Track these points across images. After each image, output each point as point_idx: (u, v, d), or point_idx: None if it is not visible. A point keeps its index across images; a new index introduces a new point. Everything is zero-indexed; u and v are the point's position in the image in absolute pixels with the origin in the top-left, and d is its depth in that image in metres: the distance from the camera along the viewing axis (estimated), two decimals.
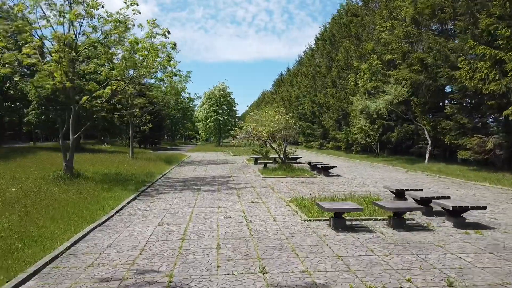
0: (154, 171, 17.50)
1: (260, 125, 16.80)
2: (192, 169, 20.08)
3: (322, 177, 16.12)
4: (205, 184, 14.02)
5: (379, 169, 19.74)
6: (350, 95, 32.35)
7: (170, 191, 12.25)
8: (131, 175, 15.13)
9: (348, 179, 15.58)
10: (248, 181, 14.88)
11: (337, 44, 40.56)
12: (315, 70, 45.56)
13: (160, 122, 49.29)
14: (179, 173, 18.02)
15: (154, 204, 10.14)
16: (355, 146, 30.75)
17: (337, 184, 14.00)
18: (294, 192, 11.94)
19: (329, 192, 11.95)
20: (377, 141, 26.84)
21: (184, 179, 15.66)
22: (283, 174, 16.27)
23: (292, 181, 14.79)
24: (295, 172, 16.75)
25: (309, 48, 55.65)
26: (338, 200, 9.74)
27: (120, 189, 11.88)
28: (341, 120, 34.78)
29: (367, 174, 17.33)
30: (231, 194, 11.55)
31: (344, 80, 34.77)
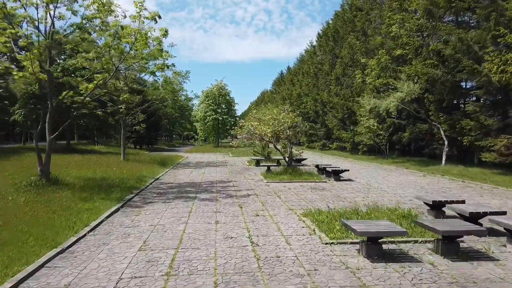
0: (145, 174, 15.78)
1: (264, 124, 15.09)
2: (188, 172, 18.35)
3: (332, 182, 14.44)
4: (202, 191, 12.30)
5: (392, 172, 18.05)
6: (356, 93, 30.70)
7: (161, 200, 10.53)
8: (118, 180, 13.40)
9: (363, 184, 13.88)
10: (250, 187, 13.18)
11: (341, 41, 38.92)
12: (318, 67, 43.89)
13: (157, 121, 47.55)
14: (173, 177, 16.30)
15: (140, 218, 8.42)
16: (362, 147, 29.04)
17: (352, 190, 12.30)
18: (305, 201, 10.24)
19: (345, 201, 10.26)
20: (386, 142, 25.17)
21: (179, 184, 13.94)
22: (289, 179, 14.57)
23: (300, 186, 13.09)
24: (302, 176, 15.05)
25: (311, 45, 54.05)
26: (362, 215, 8.05)
27: (101, 198, 10.15)
28: (346, 119, 33.10)
29: (381, 179, 15.64)
30: (232, 204, 9.83)
31: (349, 78, 33.13)
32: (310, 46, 54.14)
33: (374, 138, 25.18)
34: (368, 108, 22.40)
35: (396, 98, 20.04)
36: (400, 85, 20.28)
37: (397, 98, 20.02)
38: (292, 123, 15.24)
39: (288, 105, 16.76)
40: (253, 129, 15.15)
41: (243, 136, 15.29)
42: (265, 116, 15.55)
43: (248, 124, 15.33)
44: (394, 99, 20.15)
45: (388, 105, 20.55)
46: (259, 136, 15.26)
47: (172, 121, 72.26)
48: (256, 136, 15.33)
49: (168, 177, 16.11)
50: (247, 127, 15.20)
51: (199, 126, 49.58)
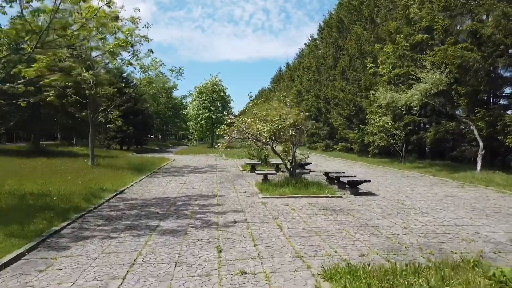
0: (107, 187, 12.22)
1: (260, 120, 11.56)
2: (166, 181, 14.81)
3: (350, 197, 10.94)
4: (171, 214, 8.77)
5: (419, 181, 14.56)
6: (365, 87, 27.20)
7: (102, 235, 7.00)
8: (62, 197, 9.84)
9: (391, 201, 10.38)
10: (240, 206, 9.65)
11: (345, 32, 35.48)
12: (320, 62, 40.38)
13: (145, 120, 43.95)
14: (143, 189, 12.76)
15: (44, 277, 4.91)
16: (372, 148, 25.55)
17: (381, 212, 8.80)
18: (319, 235, 6.74)
19: (380, 234, 6.75)
20: (403, 143, 21.67)
21: (144, 202, 10.41)
22: (293, 193, 11.07)
23: (309, 206, 9.58)
24: (309, 188, 11.53)
25: (312, 39, 50.52)
26: (426, 274, 4.54)
27: (6, 234, 6.61)
28: (352, 117, 29.62)
29: (410, 191, 12.15)
30: (206, 245, 6.32)
31: (357, 71, 29.65)
32: (311, 40, 50.63)
33: (388, 139, 21.69)
34: (385, 103, 18.88)
35: (420, 91, 16.53)
36: (423, 75, 16.78)
37: (420, 90, 16.51)
38: (297, 120, 11.72)
39: (292, 97, 13.17)
40: (245, 127, 11.63)
41: (231, 137, 11.77)
42: (262, 111, 12.02)
43: (239, 121, 11.77)
44: (417, 91, 16.65)
45: (409, 98, 17.04)
46: (253, 136, 11.74)
47: (165, 120, 68.74)
48: (249, 137, 11.82)
49: (136, 190, 12.56)
50: (237, 124, 11.66)
51: (192, 125, 45.93)
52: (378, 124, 21.36)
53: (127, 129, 38.84)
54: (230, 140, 11.82)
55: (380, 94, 19.08)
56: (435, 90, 16.36)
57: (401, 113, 22.17)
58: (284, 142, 13.02)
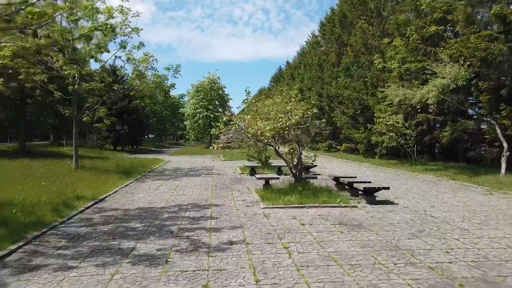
0: (85, 194, 10.62)
1: (261, 118, 9.98)
2: (156, 186, 13.22)
3: (366, 207, 9.37)
4: (152, 231, 7.17)
5: (439, 187, 12.99)
6: (371, 84, 25.65)
7: (57, 263, 5.41)
8: (18, 210, 8.23)
9: (415, 212, 8.80)
10: (238, 220, 8.07)
11: (349, 27, 33.91)
12: (322, 58, 38.76)
13: (141, 119, 42.31)
14: (127, 197, 11.16)
15: None
16: (380, 149, 23.98)
17: (408, 228, 7.21)
18: (338, 262, 5.15)
19: (418, 263, 5.15)
20: (414, 143, 20.11)
21: (124, 213, 8.81)
22: (300, 202, 9.48)
23: (320, 219, 7.99)
24: (319, 196, 9.94)
25: (313, 36, 48.93)
26: None
27: None
28: (358, 116, 28.03)
29: (434, 199, 10.57)
30: (191, 281, 4.72)
31: (362, 68, 28.07)
32: (312, 37, 49.03)
33: (398, 139, 20.11)
34: (396, 101, 17.27)
35: (437, 86, 14.95)
36: (440, 69, 15.20)
37: (437, 86, 14.93)
38: (304, 116, 10.13)
39: (297, 91, 11.56)
40: (245, 126, 10.02)
41: (228, 137, 10.13)
42: (263, 108, 10.43)
43: (237, 118, 10.14)
44: (434, 87, 15.07)
45: (424, 95, 15.46)
46: (253, 136, 10.14)
47: (162, 119, 67.13)
48: (249, 137, 10.22)
49: (119, 198, 10.95)
50: (236, 122, 10.04)
51: (189, 125, 44.24)
52: (388, 123, 19.78)
53: (121, 128, 37.30)
54: (227, 141, 10.22)
55: (391, 91, 17.48)
56: (453, 86, 14.78)
57: (412, 112, 20.62)
58: (288, 142, 11.43)
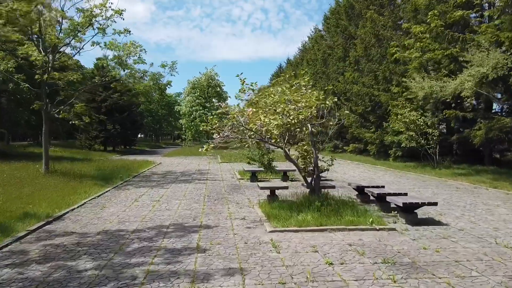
0: (38, 210, 8.19)
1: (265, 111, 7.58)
2: (135, 197, 10.79)
3: (408, 230, 6.97)
4: (101, 281, 4.74)
5: (483, 197, 10.58)
6: (383, 78, 23.28)
7: None
8: None
9: (479, 239, 6.40)
10: (234, 255, 5.64)
11: (357, 19, 31.55)
12: (327, 53, 36.36)
13: (134, 118, 39.81)
14: (95, 213, 8.72)
15: None
16: (394, 151, 21.60)
17: (486, 267, 4.83)
18: None
19: None
20: (437, 143, 17.72)
21: (79, 242, 6.38)
22: (320, 223, 7.06)
23: (352, 252, 5.58)
24: (342, 214, 7.53)
25: (315, 30, 46.52)
26: None
27: None
28: (368, 114, 25.64)
29: (487, 214, 8.19)
30: None
31: (372, 61, 25.68)
32: (314, 32, 46.61)
33: (418, 139, 17.72)
34: (422, 95, 14.84)
35: (473, 76, 12.55)
36: (476, 57, 12.80)
37: (474, 76, 12.53)
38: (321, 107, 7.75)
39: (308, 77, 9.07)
40: (245, 122, 7.61)
41: (222, 136, 7.70)
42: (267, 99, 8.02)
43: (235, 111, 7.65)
44: (470, 77, 12.67)
45: (457, 87, 13.05)
46: (256, 134, 7.73)
47: (158, 118, 64.67)
48: (250, 136, 7.81)
49: (83, 215, 8.49)
50: (233, 116, 7.59)
51: (185, 123, 41.73)
52: (407, 120, 17.38)
53: (112, 127, 34.86)
54: (222, 140, 7.81)
55: (415, 83, 15.06)
56: (493, 76, 12.38)
57: (433, 108, 18.26)
58: (301, 143, 9.02)
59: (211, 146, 7.42)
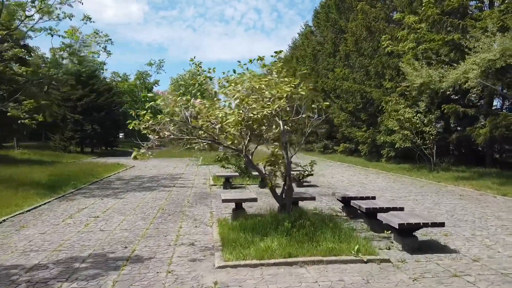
0: None
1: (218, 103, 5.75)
2: (74, 211, 8.89)
3: (405, 260, 5.19)
4: None
5: (493, 209, 8.86)
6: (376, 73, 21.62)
7: None
8: None
9: (500, 274, 4.62)
10: None
11: (347, 12, 29.86)
12: (316, 49, 34.62)
13: (114, 118, 37.63)
14: (2, 237, 6.81)
15: None
16: (387, 151, 19.90)
17: None
18: None
19: None
20: (434, 143, 16.04)
21: None
22: (287, 252, 5.23)
23: None
24: (319, 237, 5.72)
25: (305, 26, 44.79)
26: None
27: None
28: (359, 111, 23.93)
29: (504, 234, 6.44)
30: None
31: (364, 55, 23.97)
32: (305, 28, 44.88)
33: (413, 138, 16.01)
34: (418, 83, 13.07)
35: (479, 64, 10.82)
36: (481, 43, 11.08)
37: (480, 63, 10.80)
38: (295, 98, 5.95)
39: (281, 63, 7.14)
40: (191, 116, 5.75)
41: (164, 136, 5.83)
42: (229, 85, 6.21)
43: (178, 102, 5.73)
44: (474, 65, 10.94)
45: (460, 77, 11.33)
46: (207, 134, 5.89)
47: None
48: (199, 136, 5.97)
49: None
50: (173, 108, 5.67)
51: None
52: (402, 118, 15.67)
53: (90, 127, 32.73)
54: (161, 142, 5.94)
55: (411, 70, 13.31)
56: (502, 64, 10.67)
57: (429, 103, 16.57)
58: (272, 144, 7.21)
59: (140, 153, 5.55)
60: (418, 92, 14.66)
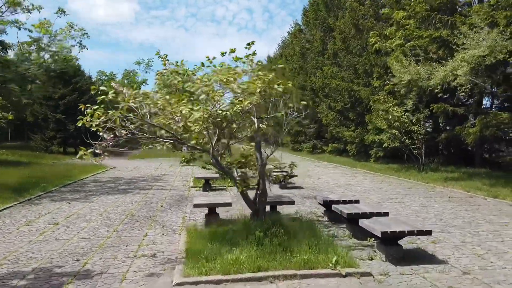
0: None
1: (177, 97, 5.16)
2: (33, 218, 8.19)
3: (389, 273, 4.64)
4: None
5: (484, 211, 8.40)
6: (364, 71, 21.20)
7: None
8: None
9: None
10: None
11: (336, 10, 29.43)
12: (305, 47, 34.14)
13: None
14: None
15: None
16: (375, 151, 19.46)
17: None
18: None
19: None
20: (422, 142, 15.62)
21: None
22: (257, 266, 4.63)
23: None
24: (293, 250, 5.14)
25: (295, 25, 44.29)
26: None
27: None
28: (347, 110, 23.45)
29: (496, 242, 5.96)
30: None
31: (352, 53, 23.51)
32: (294, 26, 44.38)
33: (402, 138, 15.57)
34: (406, 80, 12.57)
35: (468, 61, 10.37)
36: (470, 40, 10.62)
37: (469, 60, 10.35)
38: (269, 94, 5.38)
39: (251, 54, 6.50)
40: (149, 111, 5.11)
41: (120, 135, 5.25)
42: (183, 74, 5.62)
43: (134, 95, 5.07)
44: (463, 61, 10.48)
45: (448, 74, 10.87)
46: (169, 132, 5.27)
47: None
48: (160, 136, 5.35)
49: None
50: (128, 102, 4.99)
51: None
52: (393, 115, 15.19)
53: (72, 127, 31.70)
54: (115, 142, 5.31)
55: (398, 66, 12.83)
56: (492, 60, 10.23)
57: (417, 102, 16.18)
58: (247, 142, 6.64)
59: (89, 152, 4.91)
60: (406, 90, 14.20)
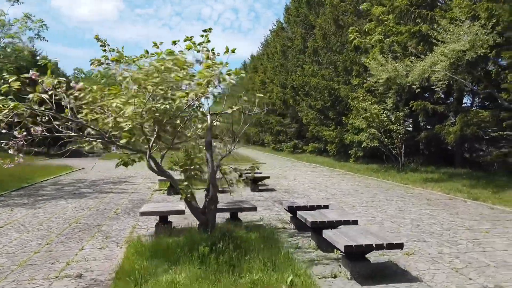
0: None
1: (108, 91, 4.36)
2: None
3: None
4: None
5: (464, 216, 7.81)
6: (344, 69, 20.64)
7: None
8: None
9: None
10: None
11: (317, 7, 28.88)
12: (286, 45, 33.51)
13: None
14: None
15: None
16: (355, 151, 18.92)
17: None
18: None
19: None
20: (402, 142, 15.10)
21: None
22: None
23: None
24: (247, 261, 4.38)
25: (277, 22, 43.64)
26: None
27: None
28: (328, 109, 22.88)
29: (476, 252, 5.31)
30: None
31: (332, 50, 22.96)
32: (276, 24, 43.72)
33: (381, 137, 15.02)
34: (384, 78, 11.98)
35: (447, 55, 9.81)
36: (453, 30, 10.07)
37: (448, 54, 9.79)
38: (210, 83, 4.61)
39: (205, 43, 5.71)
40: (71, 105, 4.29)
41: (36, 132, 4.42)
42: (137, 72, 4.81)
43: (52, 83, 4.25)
44: (443, 56, 9.92)
45: (427, 69, 10.29)
46: (95, 130, 4.48)
47: None
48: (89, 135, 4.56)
49: None
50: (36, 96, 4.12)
51: None
52: (371, 113, 14.61)
53: None
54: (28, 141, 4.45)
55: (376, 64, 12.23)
56: (472, 55, 9.69)
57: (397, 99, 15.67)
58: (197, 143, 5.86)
59: None
60: (384, 88, 13.64)
